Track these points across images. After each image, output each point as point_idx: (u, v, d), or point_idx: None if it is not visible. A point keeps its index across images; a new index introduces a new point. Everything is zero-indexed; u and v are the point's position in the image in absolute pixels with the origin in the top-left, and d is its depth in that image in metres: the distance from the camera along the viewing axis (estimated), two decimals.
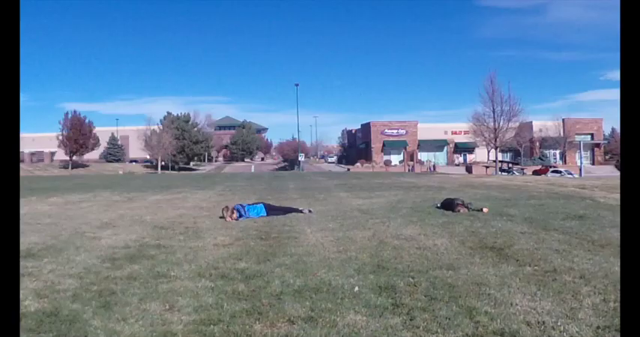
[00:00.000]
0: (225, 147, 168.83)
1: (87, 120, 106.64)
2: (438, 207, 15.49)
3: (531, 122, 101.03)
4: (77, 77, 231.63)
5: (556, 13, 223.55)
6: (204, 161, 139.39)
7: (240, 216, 13.97)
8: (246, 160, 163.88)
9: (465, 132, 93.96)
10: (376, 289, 6.70)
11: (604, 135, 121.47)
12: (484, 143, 79.10)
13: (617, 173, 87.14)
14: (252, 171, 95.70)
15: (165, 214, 15.58)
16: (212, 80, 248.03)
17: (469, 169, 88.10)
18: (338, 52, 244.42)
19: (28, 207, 18.22)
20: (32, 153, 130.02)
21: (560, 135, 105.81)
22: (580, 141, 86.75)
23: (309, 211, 15.22)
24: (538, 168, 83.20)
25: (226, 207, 14.40)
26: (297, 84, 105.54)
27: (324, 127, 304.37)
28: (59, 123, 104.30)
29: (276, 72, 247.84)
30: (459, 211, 14.36)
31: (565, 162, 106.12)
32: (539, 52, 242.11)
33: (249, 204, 14.92)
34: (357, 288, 6.73)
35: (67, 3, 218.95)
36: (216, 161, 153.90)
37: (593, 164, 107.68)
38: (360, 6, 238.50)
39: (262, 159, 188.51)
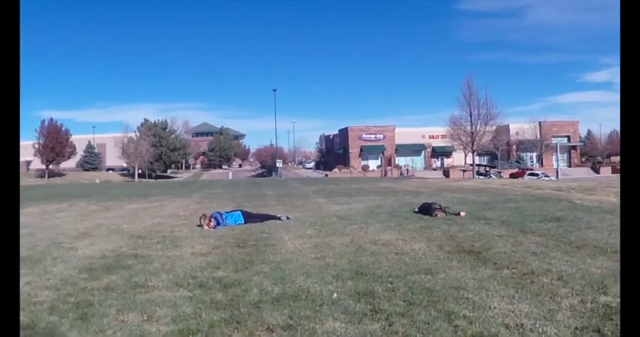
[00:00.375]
0: (203, 154, 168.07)
1: (63, 128, 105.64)
2: (415, 212, 15.52)
3: (508, 125, 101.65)
4: (53, 84, 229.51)
5: (533, 16, 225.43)
6: (181, 168, 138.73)
7: (218, 224, 13.90)
8: (223, 167, 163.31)
9: (443, 136, 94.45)
10: (355, 295, 6.69)
11: (580, 137, 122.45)
12: (461, 147, 79.61)
13: (594, 175, 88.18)
14: (230, 178, 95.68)
15: (143, 223, 15.49)
16: (189, 86, 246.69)
17: (446, 173, 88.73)
18: (316, 58, 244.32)
19: None
20: None
21: (537, 137, 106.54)
22: (556, 144, 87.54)
23: (287, 218, 15.17)
24: (515, 171, 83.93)
25: (204, 215, 14.34)
26: (274, 90, 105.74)
27: (302, 133, 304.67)
28: (35, 131, 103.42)
29: (254, 78, 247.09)
30: (436, 215, 14.38)
31: (542, 164, 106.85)
32: (517, 55, 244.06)
33: (226, 212, 14.87)
34: (335, 295, 6.72)
35: (40, 9, 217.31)
36: (193, 168, 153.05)
37: (569, 166, 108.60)
38: (337, 12, 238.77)
39: (240, 165, 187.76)
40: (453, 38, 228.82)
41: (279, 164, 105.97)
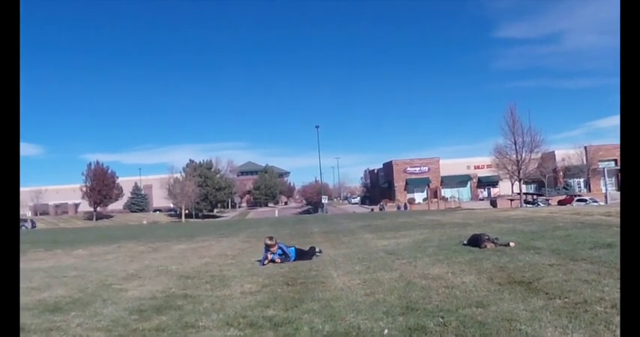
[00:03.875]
0: (248, 192, 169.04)
1: (109, 171, 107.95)
2: (464, 244, 15.37)
3: (553, 152, 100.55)
4: (98, 128, 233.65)
5: (570, 41, 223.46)
6: (227, 207, 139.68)
7: (283, 253, 14.22)
8: (269, 205, 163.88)
9: (488, 166, 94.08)
10: (406, 331, 6.63)
11: None
12: (507, 176, 79.13)
13: None
14: (276, 215, 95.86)
15: (191, 263, 15.56)
16: (233, 126, 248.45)
17: (494, 203, 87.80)
18: (357, 93, 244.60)
19: (54, 260, 18.39)
20: (56, 206, 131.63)
21: (583, 163, 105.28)
22: (604, 168, 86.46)
23: (320, 251, 15.36)
24: (563, 197, 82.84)
25: (271, 237, 14.64)
26: (317, 127, 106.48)
27: (346, 168, 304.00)
28: (82, 174, 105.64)
29: (297, 115, 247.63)
30: (485, 247, 14.23)
31: (590, 190, 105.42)
32: (557, 80, 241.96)
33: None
34: (386, 331, 6.66)
35: (83, 56, 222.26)
36: (239, 207, 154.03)
37: (618, 190, 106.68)
38: (377, 45, 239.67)
39: (286, 203, 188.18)
40: (493, 67, 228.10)
41: (324, 200, 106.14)
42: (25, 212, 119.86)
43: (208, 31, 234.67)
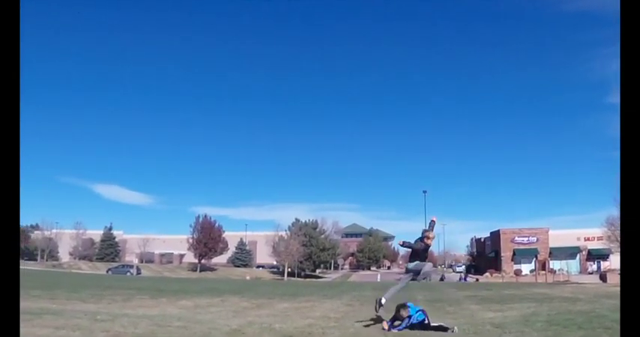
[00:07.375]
0: (352, 254, 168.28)
1: (217, 225, 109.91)
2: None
3: None
4: (211, 183, 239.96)
5: None
6: (330, 268, 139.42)
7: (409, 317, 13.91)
8: (372, 269, 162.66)
9: (599, 238, 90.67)
10: None
11: None
12: (619, 249, 76.06)
13: None
14: (379, 280, 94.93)
15: (294, 323, 15.48)
16: (340, 187, 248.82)
17: (603, 277, 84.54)
18: (466, 159, 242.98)
19: (159, 308, 18.68)
20: (162, 255, 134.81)
21: None
22: None
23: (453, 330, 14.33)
24: None
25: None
26: (425, 192, 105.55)
27: (452, 236, 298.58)
28: (190, 226, 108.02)
29: (405, 179, 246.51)
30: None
31: None
32: None
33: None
34: None
35: (190, 122, 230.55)
36: (342, 269, 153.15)
37: None
38: (491, 110, 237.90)
39: (388, 267, 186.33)
40: (607, 134, 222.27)
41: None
42: (131, 258, 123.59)
43: (320, 93, 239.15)
